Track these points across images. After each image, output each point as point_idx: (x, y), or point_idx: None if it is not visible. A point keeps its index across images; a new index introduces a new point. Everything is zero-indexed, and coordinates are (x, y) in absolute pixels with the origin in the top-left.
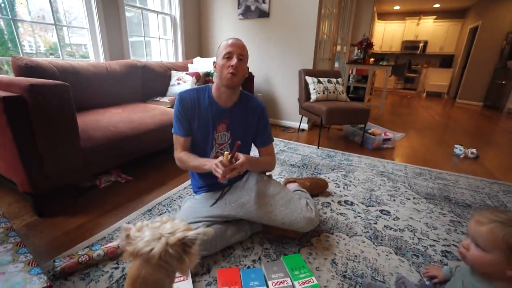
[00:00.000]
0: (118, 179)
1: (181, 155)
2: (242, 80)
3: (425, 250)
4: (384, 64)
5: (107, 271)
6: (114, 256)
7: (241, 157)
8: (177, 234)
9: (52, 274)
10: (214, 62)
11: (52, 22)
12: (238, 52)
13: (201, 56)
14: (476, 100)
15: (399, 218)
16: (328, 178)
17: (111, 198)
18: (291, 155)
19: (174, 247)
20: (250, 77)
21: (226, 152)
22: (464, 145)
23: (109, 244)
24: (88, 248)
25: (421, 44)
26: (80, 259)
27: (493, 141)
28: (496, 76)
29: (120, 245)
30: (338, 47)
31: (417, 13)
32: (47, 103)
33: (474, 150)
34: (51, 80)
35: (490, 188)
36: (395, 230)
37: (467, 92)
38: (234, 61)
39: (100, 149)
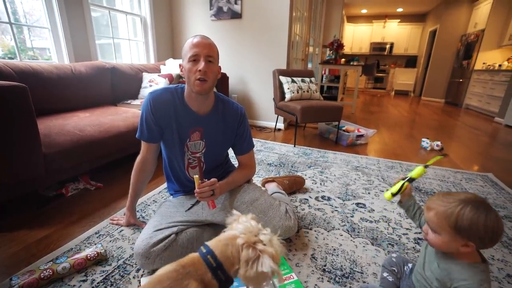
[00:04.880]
0: (87, 186)
1: (137, 162)
2: (214, 84)
3: (399, 239)
4: (355, 64)
5: (74, 285)
6: (82, 268)
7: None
8: (272, 249)
9: None
10: (180, 65)
11: (7, 20)
12: (206, 53)
13: (174, 58)
14: (439, 97)
15: (374, 210)
16: (305, 175)
17: (80, 206)
18: (268, 154)
19: (253, 250)
20: (225, 78)
21: (195, 176)
22: (430, 138)
23: (77, 256)
24: (51, 262)
25: (387, 46)
26: (42, 274)
27: (454, 134)
28: (454, 75)
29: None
30: (311, 49)
31: (383, 17)
32: (1, 107)
33: (439, 143)
34: (5, 82)
35: (455, 177)
36: (371, 221)
37: (430, 90)
38: (201, 65)
39: (65, 155)
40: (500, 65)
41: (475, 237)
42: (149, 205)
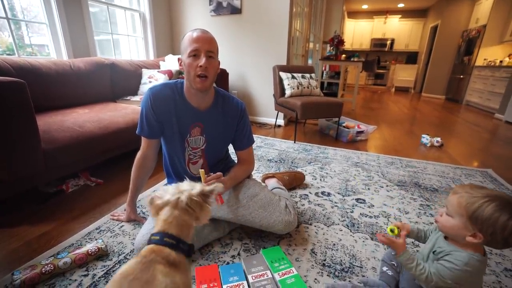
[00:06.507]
0: (87, 182)
1: (138, 158)
2: (214, 79)
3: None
4: (355, 60)
5: (75, 280)
6: (83, 263)
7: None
8: (196, 188)
9: None
10: (179, 59)
11: (4, 15)
12: (206, 48)
13: (174, 54)
14: (439, 94)
15: (373, 206)
16: (305, 171)
17: (80, 202)
18: (268, 150)
19: (197, 196)
20: (225, 74)
21: (201, 170)
22: (430, 134)
23: (78, 251)
24: (53, 257)
25: (388, 42)
26: (43, 269)
27: (455, 130)
28: (455, 71)
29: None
30: (311, 45)
31: (384, 12)
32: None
33: (439, 139)
34: (3, 77)
35: (454, 173)
36: (370, 217)
37: (431, 86)
38: (202, 60)
39: (65, 151)
40: (501, 61)
41: (488, 232)
42: None
